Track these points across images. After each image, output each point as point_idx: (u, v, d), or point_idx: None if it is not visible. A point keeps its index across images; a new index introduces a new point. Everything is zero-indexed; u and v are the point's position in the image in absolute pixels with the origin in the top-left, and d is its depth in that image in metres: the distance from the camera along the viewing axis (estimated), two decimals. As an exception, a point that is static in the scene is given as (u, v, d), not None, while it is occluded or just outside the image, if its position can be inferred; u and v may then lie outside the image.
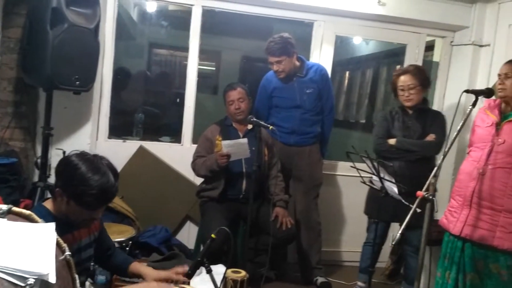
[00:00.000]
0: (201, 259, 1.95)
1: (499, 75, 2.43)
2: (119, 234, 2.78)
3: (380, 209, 2.85)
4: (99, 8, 2.80)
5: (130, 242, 2.84)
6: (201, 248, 2.56)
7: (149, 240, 3.12)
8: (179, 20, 4.29)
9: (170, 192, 3.48)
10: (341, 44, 4.27)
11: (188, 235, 3.59)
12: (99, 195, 1.65)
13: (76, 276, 1.16)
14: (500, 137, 2.34)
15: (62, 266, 1.08)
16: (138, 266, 2.05)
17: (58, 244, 1.07)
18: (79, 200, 1.65)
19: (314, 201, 3.40)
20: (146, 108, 4.32)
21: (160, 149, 3.54)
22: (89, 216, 1.73)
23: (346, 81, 5.28)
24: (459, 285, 2.44)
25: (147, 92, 4.94)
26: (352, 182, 3.27)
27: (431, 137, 2.96)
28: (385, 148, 3.00)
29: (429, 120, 3.00)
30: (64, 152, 2.44)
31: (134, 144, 3.49)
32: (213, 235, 1.98)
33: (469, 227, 2.39)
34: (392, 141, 3.00)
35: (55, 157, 2.85)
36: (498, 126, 2.39)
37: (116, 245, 2.66)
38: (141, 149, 3.46)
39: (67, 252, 1.10)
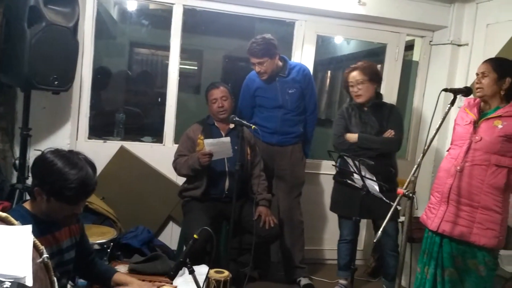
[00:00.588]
0: (183, 259, 1.94)
1: (476, 74, 2.47)
2: (100, 235, 2.75)
3: (352, 206, 2.87)
4: (78, 7, 2.75)
5: (112, 243, 2.81)
6: (184, 248, 2.55)
7: (131, 241, 3.09)
8: (160, 19, 4.26)
9: (152, 193, 3.45)
10: (322, 43, 4.29)
11: (170, 235, 3.57)
12: (79, 188, 1.65)
13: (55, 278, 1.14)
14: (478, 134, 2.39)
15: (40, 269, 1.06)
16: (123, 276, 2.06)
17: (35, 247, 1.05)
18: (59, 196, 1.64)
19: (296, 200, 3.41)
20: (127, 108, 4.27)
21: (142, 149, 3.51)
22: (70, 212, 1.73)
23: (328, 80, 5.32)
24: (437, 280, 2.48)
25: (128, 92, 4.89)
26: (335, 180, 3.29)
27: (389, 133, 3.01)
28: (346, 146, 3.05)
29: (385, 114, 3.06)
30: (42, 153, 2.40)
31: (115, 144, 3.45)
32: (195, 236, 1.97)
33: (446, 223, 2.44)
34: (352, 138, 3.03)
35: (33, 158, 2.78)
36: (476, 124, 2.43)
37: (97, 246, 2.64)
38: (122, 150, 3.42)
39: (45, 255, 1.08)
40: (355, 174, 2.77)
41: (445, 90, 2.33)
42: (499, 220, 2.35)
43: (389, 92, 3.83)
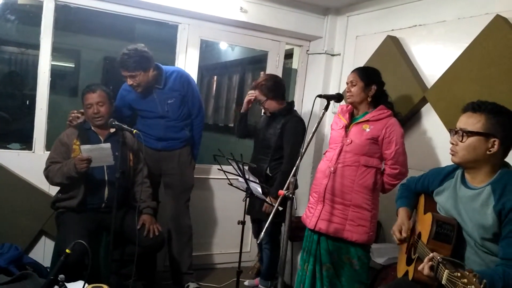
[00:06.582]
0: (54, 277, 1.77)
1: (346, 83, 2.67)
2: (-46, 257, 2.40)
3: (250, 208, 2.94)
4: None
5: (-30, 265, 2.47)
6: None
7: (-5, 261, 2.75)
8: (30, 15, 3.88)
9: (21, 205, 3.12)
10: (207, 48, 4.30)
11: (43, 251, 3.26)
12: None
13: None
14: (348, 138, 2.59)
15: None
16: None
17: None
18: None
19: (185, 205, 3.34)
20: (-10, 112, 3.81)
21: (8, 157, 3.15)
22: None
23: (215, 85, 5.36)
24: (316, 276, 2.62)
25: (-8, 94, 4.37)
26: (223, 184, 3.29)
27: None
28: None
29: (284, 124, 3.14)
30: None
31: (-26, 153, 3.05)
32: (68, 250, 1.82)
33: (323, 221, 2.59)
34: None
35: None
36: (347, 128, 2.63)
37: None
38: (-17, 158, 3.04)
39: None
40: (239, 178, 2.81)
41: (319, 96, 2.48)
42: (369, 217, 2.56)
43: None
